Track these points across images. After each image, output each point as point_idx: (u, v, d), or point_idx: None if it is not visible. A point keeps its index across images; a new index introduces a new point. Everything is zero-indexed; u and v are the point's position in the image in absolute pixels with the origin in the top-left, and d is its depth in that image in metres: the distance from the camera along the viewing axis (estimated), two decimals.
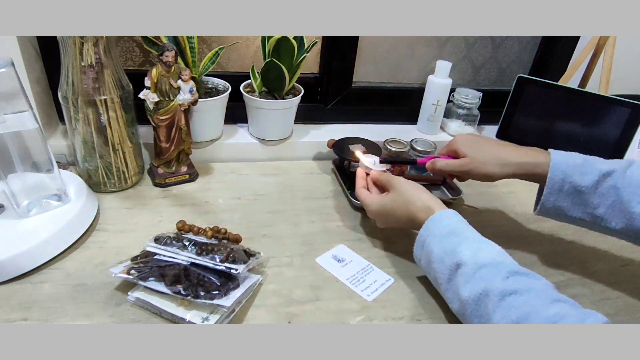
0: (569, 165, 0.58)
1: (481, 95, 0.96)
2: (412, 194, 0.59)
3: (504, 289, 0.45)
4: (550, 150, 0.60)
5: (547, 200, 0.60)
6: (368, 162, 0.69)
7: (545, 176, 0.59)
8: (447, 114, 0.99)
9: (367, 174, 0.68)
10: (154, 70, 0.67)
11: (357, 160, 0.71)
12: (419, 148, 0.84)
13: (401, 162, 0.82)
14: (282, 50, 0.78)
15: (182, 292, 0.51)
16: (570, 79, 0.87)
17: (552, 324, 0.41)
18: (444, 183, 0.85)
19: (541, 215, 0.63)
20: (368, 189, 0.67)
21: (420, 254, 0.57)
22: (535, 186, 0.65)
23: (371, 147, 0.83)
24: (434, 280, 0.55)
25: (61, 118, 0.80)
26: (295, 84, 0.86)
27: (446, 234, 0.53)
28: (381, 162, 0.70)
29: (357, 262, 0.64)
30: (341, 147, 0.83)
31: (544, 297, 0.44)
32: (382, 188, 0.66)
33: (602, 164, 0.58)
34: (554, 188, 0.59)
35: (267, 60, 0.77)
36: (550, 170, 0.58)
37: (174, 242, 0.57)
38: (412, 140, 0.86)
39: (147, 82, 0.67)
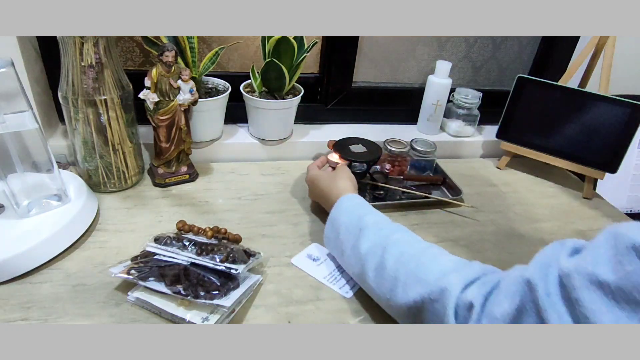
0: None
1: (481, 95, 0.96)
2: (341, 177, 0.67)
3: (396, 238, 0.53)
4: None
5: None
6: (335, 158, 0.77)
7: None
8: (447, 114, 0.99)
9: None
10: (154, 70, 0.67)
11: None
12: (419, 148, 0.84)
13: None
14: (282, 50, 0.78)
15: (182, 292, 0.51)
16: (570, 79, 0.87)
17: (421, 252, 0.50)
18: (443, 183, 0.85)
19: None
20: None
21: (330, 232, 0.61)
22: (534, 185, 0.64)
23: (371, 147, 0.83)
24: (340, 253, 0.59)
25: (61, 118, 0.80)
26: (295, 84, 0.86)
27: (354, 206, 0.61)
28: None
29: (333, 260, 0.64)
30: (341, 147, 0.83)
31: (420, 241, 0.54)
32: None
33: None
34: None
35: (267, 60, 0.77)
36: None
37: (174, 242, 0.57)
38: (412, 140, 0.86)
39: (147, 82, 0.67)
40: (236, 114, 0.89)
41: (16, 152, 0.57)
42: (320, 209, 0.75)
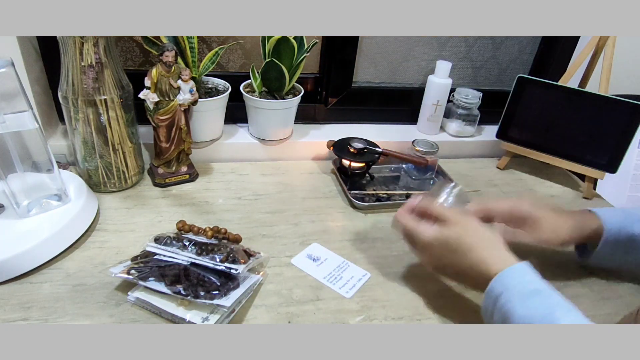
0: (619, 216, 0.60)
1: (481, 95, 0.96)
2: (487, 236, 0.50)
3: None
4: (594, 210, 0.63)
5: (602, 249, 0.60)
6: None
7: (595, 236, 0.61)
8: (447, 114, 0.99)
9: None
10: (154, 70, 0.67)
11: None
12: (420, 148, 0.84)
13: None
14: (282, 50, 0.78)
15: (182, 292, 0.51)
16: (570, 79, 0.87)
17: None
18: (427, 167, 0.84)
19: (593, 265, 0.63)
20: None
21: (493, 309, 0.47)
22: (534, 185, 0.64)
23: (371, 147, 0.83)
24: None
25: (61, 118, 0.80)
26: (295, 84, 0.86)
27: (529, 293, 0.45)
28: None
29: (333, 260, 0.64)
30: (341, 148, 0.83)
31: None
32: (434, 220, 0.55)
33: None
34: (609, 240, 0.60)
35: (267, 60, 0.77)
36: (604, 223, 0.60)
37: (174, 242, 0.57)
38: (413, 140, 0.86)
39: (147, 82, 0.67)
40: (236, 114, 0.89)
41: (16, 152, 0.57)
42: (321, 209, 0.75)
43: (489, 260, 0.49)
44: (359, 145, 0.82)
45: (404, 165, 0.89)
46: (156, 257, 0.55)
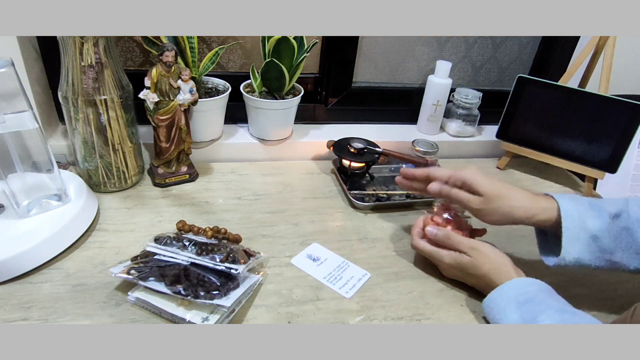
0: (579, 210, 0.56)
1: (481, 95, 0.96)
2: (498, 262, 0.57)
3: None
4: (555, 196, 0.58)
5: (567, 252, 0.56)
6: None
7: (553, 224, 0.57)
8: (447, 114, 0.99)
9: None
10: (154, 70, 0.67)
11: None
12: (420, 148, 0.84)
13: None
14: (282, 50, 0.78)
15: (182, 292, 0.51)
16: (570, 79, 0.87)
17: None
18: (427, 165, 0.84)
19: (558, 267, 0.58)
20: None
21: (489, 312, 0.55)
22: (534, 185, 0.64)
23: (371, 147, 0.83)
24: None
25: (61, 118, 0.80)
26: (295, 84, 0.86)
27: (523, 301, 0.52)
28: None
29: (333, 260, 0.64)
30: (341, 148, 0.83)
31: None
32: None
33: (608, 205, 0.56)
34: (571, 237, 0.55)
35: (267, 60, 0.78)
36: (563, 219, 0.55)
37: (174, 242, 0.57)
38: (413, 140, 0.86)
39: (147, 82, 0.67)
40: (236, 114, 0.89)
41: (16, 152, 0.57)
42: (321, 209, 0.75)
43: (498, 283, 0.56)
44: (359, 145, 0.82)
45: (404, 165, 0.89)
46: (156, 257, 0.55)
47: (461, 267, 0.59)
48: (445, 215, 0.64)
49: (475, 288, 0.60)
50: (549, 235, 0.61)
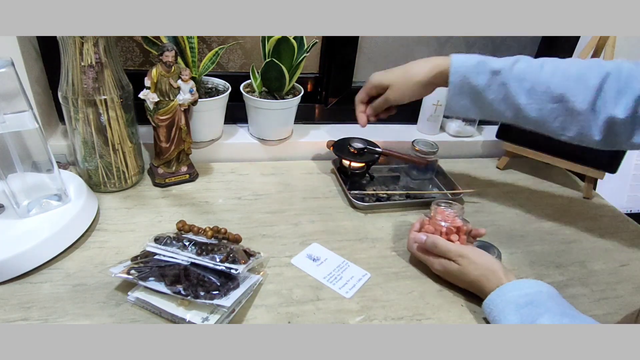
0: (467, 67, 0.62)
1: None
2: (487, 268, 0.57)
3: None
4: (452, 55, 0.64)
5: (451, 101, 0.65)
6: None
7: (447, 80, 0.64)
8: None
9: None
10: (154, 70, 0.67)
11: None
12: (420, 148, 0.84)
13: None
14: (282, 50, 0.78)
15: (182, 292, 0.51)
16: None
17: None
18: (427, 165, 0.84)
19: (449, 115, 0.69)
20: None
21: (489, 313, 0.55)
22: (534, 185, 0.64)
23: (370, 147, 0.83)
24: None
25: (61, 118, 0.80)
26: (295, 84, 0.86)
27: (524, 303, 0.51)
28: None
29: (333, 260, 0.64)
30: (341, 148, 0.83)
31: None
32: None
33: (494, 62, 0.62)
34: (455, 90, 0.64)
35: (267, 60, 0.78)
36: (450, 74, 0.63)
37: (174, 242, 0.57)
38: (413, 140, 0.86)
39: (147, 82, 0.67)
40: (236, 114, 0.89)
41: (16, 152, 0.57)
42: (321, 209, 0.75)
43: (488, 290, 0.56)
44: (359, 145, 0.82)
45: (404, 165, 0.89)
46: (156, 257, 0.55)
47: (450, 274, 0.60)
48: (439, 218, 0.64)
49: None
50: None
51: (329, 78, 0.95)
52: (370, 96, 0.74)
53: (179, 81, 0.69)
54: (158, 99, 0.68)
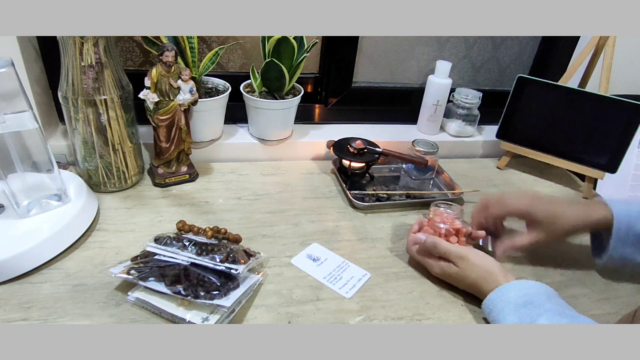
0: (631, 216, 0.59)
1: (481, 95, 0.96)
2: (485, 270, 0.57)
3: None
4: (608, 201, 0.61)
5: (614, 250, 0.60)
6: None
7: (607, 229, 0.60)
8: (447, 114, 0.99)
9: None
10: (154, 70, 0.67)
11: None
12: (419, 148, 0.84)
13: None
14: (282, 50, 0.78)
15: (182, 292, 0.51)
16: (570, 79, 0.87)
17: None
18: (426, 166, 0.84)
19: (608, 264, 0.62)
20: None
21: (489, 313, 0.55)
22: (534, 185, 0.64)
23: (370, 147, 0.83)
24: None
25: (61, 118, 0.80)
26: (295, 84, 0.86)
27: (523, 304, 0.51)
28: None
29: (333, 260, 0.64)
30: (341, 147, 0.83)
31: None
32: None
33: None
34: (619, 238, 0.59)
35: (267, 60, 0.78)
36: (615, 221, 0.58)
37: (174, 242, 0.57)
38: (413, 141, 0.86)
39: (147, 82, 0.67)
40: (236, 114, 0.89)
41: (16, 152, 0.57)
42: (321, 209, 0.75)
43: (486, 291, 0.56)
44: (359, 145, 0.82)
45: (404, 165, 0.89)
46: (156, 257, 0.55)
47: (449, 277, 0.60)
48: (438, 220, 0.64)
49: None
50: (603, 237, 0.63)
51: (329, 78, 0.95)
52: (487, 219, 0.66)
53: (179, 81, 0.69)
54: (158, 99, 0.68)
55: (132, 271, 0.53)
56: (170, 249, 0.56)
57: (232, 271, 0.53)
